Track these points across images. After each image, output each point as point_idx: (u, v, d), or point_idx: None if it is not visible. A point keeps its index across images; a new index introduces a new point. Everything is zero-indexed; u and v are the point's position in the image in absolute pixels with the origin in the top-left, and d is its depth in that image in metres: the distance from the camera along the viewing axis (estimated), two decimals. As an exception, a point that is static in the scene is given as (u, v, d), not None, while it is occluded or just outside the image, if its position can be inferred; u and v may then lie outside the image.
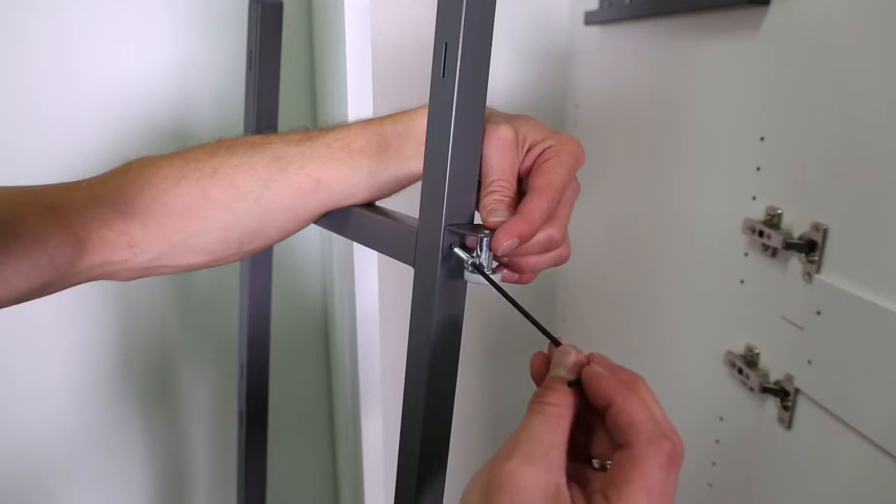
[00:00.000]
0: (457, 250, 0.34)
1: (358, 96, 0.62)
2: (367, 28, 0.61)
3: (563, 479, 0.28)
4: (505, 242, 0.33)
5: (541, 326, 0.34)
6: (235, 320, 0.70)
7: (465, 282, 0.35)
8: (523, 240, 0.34)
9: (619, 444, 0.29)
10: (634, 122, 0.85)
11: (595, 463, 0.30)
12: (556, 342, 0.33)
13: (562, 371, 0.31)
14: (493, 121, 0.37)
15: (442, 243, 0.34)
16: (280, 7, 0.60)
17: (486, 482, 0.28)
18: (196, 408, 1.01)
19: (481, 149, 0.36)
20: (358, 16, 0.61)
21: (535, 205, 0.34)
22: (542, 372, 0.33)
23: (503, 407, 1.13)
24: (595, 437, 0.31)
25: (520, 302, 0.34)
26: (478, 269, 0.34)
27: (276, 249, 0.60)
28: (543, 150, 0.37)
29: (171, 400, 1.00)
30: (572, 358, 0.32)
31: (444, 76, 0.33)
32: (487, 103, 0.38)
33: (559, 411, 0.29)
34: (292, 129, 0.44)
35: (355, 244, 0.64)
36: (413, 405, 0.36)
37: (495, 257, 0.34)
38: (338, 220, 0.43)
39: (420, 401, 0.36)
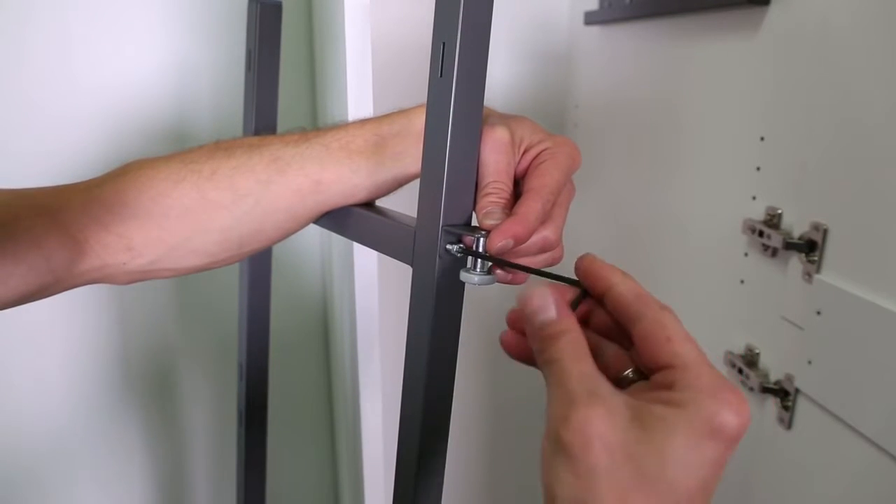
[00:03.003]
0: (454, 249, 0.34)
1: (358, 96, 0.62)
2: (367, 28, 0.62)
3: (623, 395, 0.27)
4: (499, 243, 0.33)
5: (558, 276, 0.32)
6: (235, 320, 0.70)
7: (463, 281, 0.35)
8: (518, 241, 0.34)
9: (655, 366, 0.27)
10: (634, 122, 0.85)
11: (631, 374, 0.30)
12: (577, 284, 0.31)
13: (550, 310, 0.29)
14: (489, 122, 0.37)
15: (440, 243, 0.34)
16: (279, 7, 0.60)
17: (559, 443, 0.26)
18: (195, 407, 1.01)
19: (479, 148, 0.36)
20: (358, 16, 0.61)
21: (530, 206, 0.34)
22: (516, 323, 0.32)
23: (503, 407, 1.13)
24: (606, 354, 0.31)
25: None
26: (479, 257, 0.33)
27: (276, 249, 0.60)
28: (539, 152, 0.37)
29: (170, 400, 1.00)
30: (547, 296, 0.30)
31: (441, 76, 0.33)
32: (485, 103, 0.38)
33: (574, 339, 0.28)
34: (290, 129, 0.44)
35: (355, 244, 0.64)
36: (412, 404, 0.36)
37: (490, 257, 0.34)
38: (337, 219, 0.43)
39: (419, 400, 0.36)
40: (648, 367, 0.28)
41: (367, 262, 0.66)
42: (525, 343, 0.32)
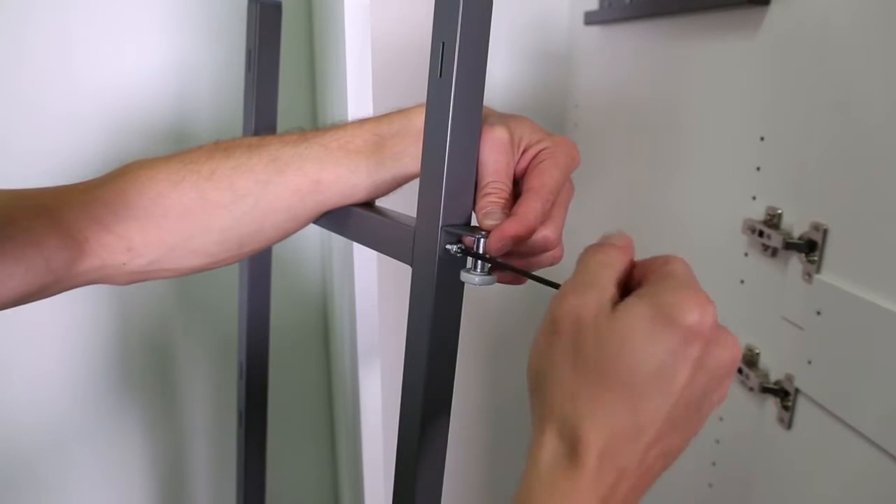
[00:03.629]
0: (453, 249, 0.34)
1: (358, 96, 0.62)
2: (367, 28, 0.62)
3: (616, 294, 0.29)
4: (498, 244, 0.33)
5: (553, 283, 0.34)
6: (235, 319, 0.70)
7: (462, 281, 0.35)
8: (518, 241, 0.34)
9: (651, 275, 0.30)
10: (634, 122, 0.85)
11: None
12: None
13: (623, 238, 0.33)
14: (488, 122, 0.37)
15: (439, 243, 0.34)
16: (279, 7, 0.60)
17: (552, 319, 0.29)
18: (195, 407, 1.01)
19: (478, 148, 0.36)
20: (358, 16, 0.61)
21: (530, 206, 0.34)
22: None
23: (503, 407, 1.13)
24: None
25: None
26: (478, 258, 0.33)
27: (276, 249, 0.60)
28: (539, 152, 0.37)
29: (170, 399, 1.00)
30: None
31: (441, 76, 0.33)
32: (485, 103, 0.38)
33: (613, 251, 0.31)
34: (289, 129, 0.44)
35: (355, 244, 0.64)
36: (412, 404, 0.36)
37: (490, 258, 0.34)
38: (336, 219, 0.43)
39: (418, 399, 0.36)
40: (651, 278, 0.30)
41: (367, 262, 0.66)
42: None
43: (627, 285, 0.32)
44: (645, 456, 0.27)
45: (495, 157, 0.36)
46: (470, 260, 0.34)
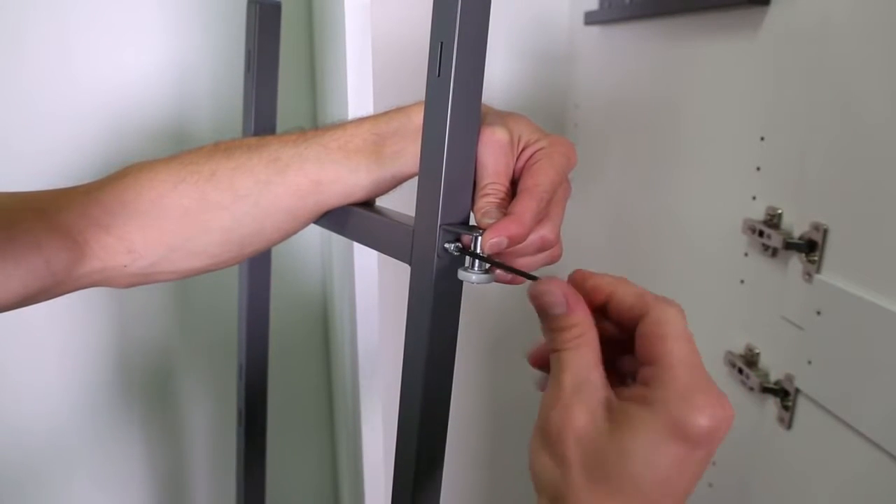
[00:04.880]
0: (451, 248, 0.34)
1: (358, 97, 0.62)
2: (368, 28, 0.62)
3: (607, 393, 0.28)
4: (493, 240, 0.33)
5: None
6: (234, 320, 0.70)
7: (461, 280, 0.35)
8: (514, 240, 0.34)
9: (647, 363, 0.28)
10: (634, 122, 0.85)
11: (629, 380, 0.30)
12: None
13: (559, 305, 0.30)
14: (487, 121, 0.37)
15: (438, 242, 0.34)
16: (278, 7, 0.60)
17: (542, 432, 0.29)
18: (195, 407, 1.01)
19: (476, 147, 0.36)
20: (358, 16, 0.61)
21: (525, 206, 0.34)
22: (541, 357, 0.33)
23: (503, 407, 1.13)
24: (621, 361, 0.31)
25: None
26: (476, 257, 0.33)
27: (276, 249, 0.60)
28: (535, 152, 0.37)
29: (170, 400, 1.00)
30: (557, 285, 0.30)
31: (439, 75, 0.33)
32: (484, 102, 0.38)
33: (579, 332, 0.29)
34: (289, 129, 0.44)
35: (355, 244, 0.64)
36: (410, 403, 0.36)
37: (487, 258, 0.34)
38: (336, 219, 0.43)
39: (417, 399, 0.36)
40: (642, 360, 0.29)
41: (367, 262, 0.66)
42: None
43: (608, 318, 0.31)
44: None
45: (495, 158, 0.36)
46: (468, 259, 0.34)
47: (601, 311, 0.31)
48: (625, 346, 0.31)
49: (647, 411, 0.26)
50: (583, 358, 0.29)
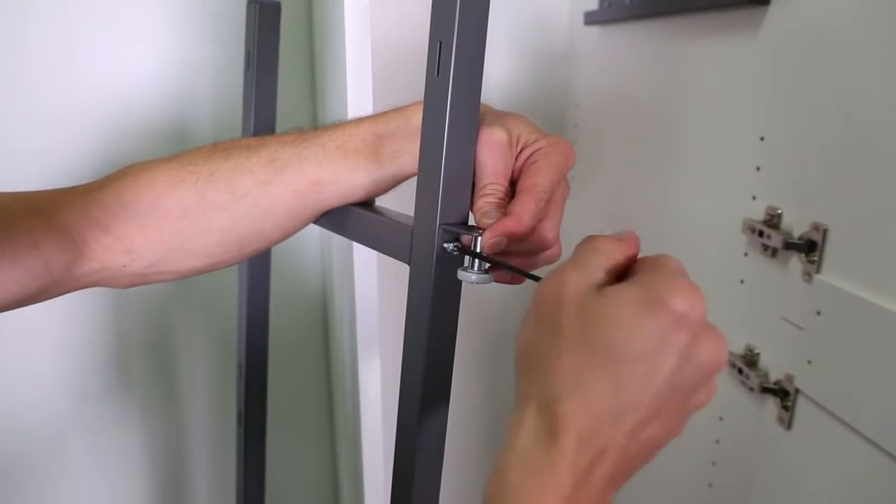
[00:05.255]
0: (450, 248, 0.34)
1: (358, 97, 0.62)
2: (367, 28, 0.62)
3: (605, 279, 0.29)
4: (492, 240, 0.33)
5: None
6: (234, 319, 0.70)
7: (460, 280, 0.35)
8: (513, 240, 0.34)
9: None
10: (634, 122, 0.85)
11: None
12: None
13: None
14: (486, 121, 0.37)
15: (437, 241, 0.34)
16: (278, 7, 0.60)
17: (536, 298, 0.29)
18: (195, 406, 1.01)
19: (475, 147, 0.36)
20: (358, 16, 0.61)
21: (524, 205, 0.35)
22: None
23: (503, 407, 1.13)
24: None
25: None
26: (475, 257, 0.33)
27: (276, 249, 0.60)
28: (533, 152, 0.37)
29: (169, 399, 1.00)
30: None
31: (438, 75, 0.33)
32: (483, 101, 0.38)
33: (610, 239, 0.31)
34: (287, 129, 0.44)
35: (355, 244, 0.64)
36: (409, 402, 0.36)
37: (486, 257, 0.34)
38: (335, 219, 0.43)
39: (416, 397, 0.36)
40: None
41: (367, 261, 0.66)
42: None
43: (623, 279, 0.32)
44: (627, 441, 0.27)
45: (494, 159, 0.36)
46: (467, 258, 0.34)
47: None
48: None
49: (632, 285, 0.28)
50: (599, 246, 0.31)
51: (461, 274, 0.34)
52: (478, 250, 0.34)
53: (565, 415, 0.26)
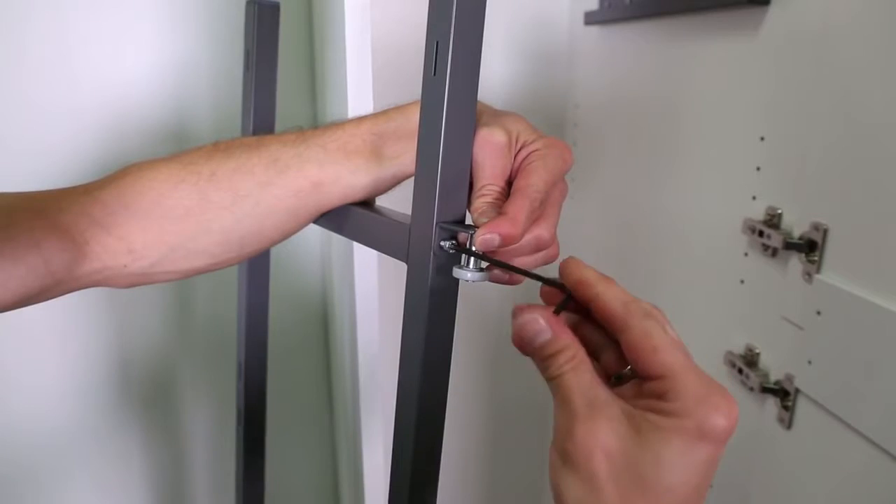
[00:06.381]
0: (447, 246, 0.34)
1: (358, 97, 0.63)
2: (368, 28, 0.62)
3: (621, 404, 0.29)
4: (485, 236, 0.33)
5: (543, 278, 0.33)
6: (234, 320, 0.70)
7: (457, 278, 0.35)
8: (508, 239, 0.34)
9: (646, 376, 0.29)
10: (634, 122, 0.85)
11: (629, 371, 0.31)
12: (561, 287, 0.33)
13: (545, 332, 0.31)
14: (485, 121, 0.37)
15: (434, 240, 0.34)
16: (277, 8, 0.60)
17: (565, 454, 0.29)
18: (195, 407, 1.01)
19: (472, 146, 0.36)
20: (358, 16, 0.61)
21: (518, 205, 0.34)
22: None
23: (502, 407, 1.13)
24: (602, 356, 0.33)
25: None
26: (471, 255, 0.34)
27: (276, 249, 0.60)
28: (530, 153, 0.37)
29: (169, 400, 1.00)
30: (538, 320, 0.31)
31: (435, 75, 0.33)
32: (482, 100, 0.38)
33: (571, 354, 0.30)
34: (288, 128, 0.44)
35: (355, 244, 0.64)
36: (407, 402, 0.36)
37: (482, 255, 0.34)
38: (334, 219, 0.43)
39: (414, 397, 0.36)
40: (640, 374, 0.30)
41: (367, 261, 0.66)
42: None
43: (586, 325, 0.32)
44: None
45: (492, 160, 0.36)
46: (464, 257, 0.34)
47: (583, 307, 0.32)
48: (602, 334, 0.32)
49: (673, 421, 0.27)
50: (583, 377, 0.30)
51: (457, 272, 0.34)
52: (474, 248, 0.34)
53: None
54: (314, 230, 0.79)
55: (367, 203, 0.43)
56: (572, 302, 0.32)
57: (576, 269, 0.32)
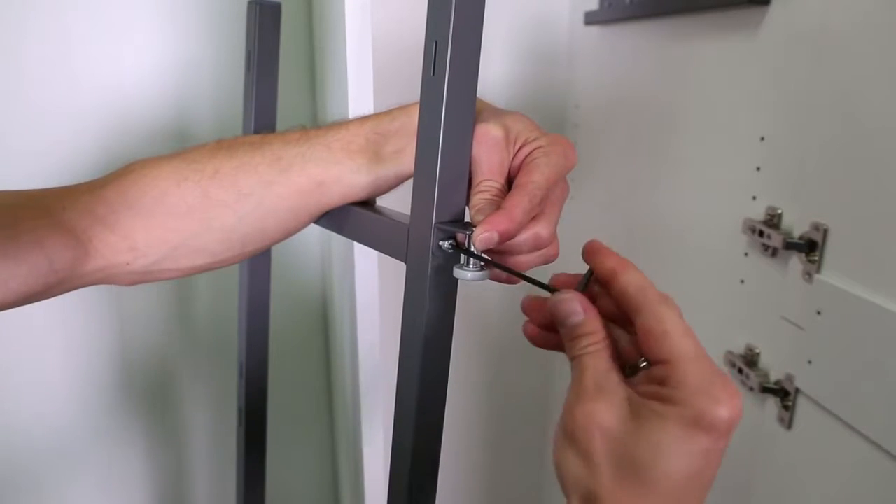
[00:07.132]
0: (446, 246, 0.34)
1: (358, 97, 0.63)
2: (368, 28, 0.62)
3: (626, 391, 0.30)
4: (483, 234, 0.33)
5: (541, 283, 0.35)
6: (235, 319, 0.70)
7: (456, 278, 0.35)
8: (505, 236, 0.33)
9: (654, 359, 0.29)
10: (634, 122, 0.85)
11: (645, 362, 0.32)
12: (552, 291, 0.34)
13: (576, 314, 0.32)
14: (483, 118, 0.37)
15: (432, 239, 0.34)
16: (278, 8, 0.60)
17: (566, 431, 0.30)
18: (195, 407, 1.02)
19: (471, 146, 0.36)
20: (358, 16, 0.61)
21: (516, 201, 0.34)
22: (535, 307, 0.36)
23: (503, 406, 1.12)
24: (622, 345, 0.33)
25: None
26: (469, 255, 0.34)
27: (276, 248, 0.60)
28: (532, 150, 0.37)
29: (170, 399, 1.00)
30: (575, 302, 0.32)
31: (434, 74, 0.33)
32: (484, 99, 0.38)
33: (596, 339, 0.31)
34: (291, 127, 0.44)
35: (355, 244, 0.64)
36: (406, 400, 0.36)
37: (480, 255, 0.34)
38: (334, 218, 0.43)
39: (412, 396, 0.36)
40: (648, 358, 0.30)
41: (367, 261, 0.66)
42: (543, 332, 0.36)
43: (613, 317, 0.33)
44: None
45: (489, 155, 0.36)
46: (463, 256, 0.34)
47: (603, 284, 0.33)
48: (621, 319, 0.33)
49: (672, 407, 0.28)
50: (601, 360, 0.31)
51: (457, 272, 0.34)
52: (472, 248, 0.34)
53: None
54: (314, 230, 0.79)
55: (367, 203, 0.43)
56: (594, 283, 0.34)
57: (599, 249, 0.34)
